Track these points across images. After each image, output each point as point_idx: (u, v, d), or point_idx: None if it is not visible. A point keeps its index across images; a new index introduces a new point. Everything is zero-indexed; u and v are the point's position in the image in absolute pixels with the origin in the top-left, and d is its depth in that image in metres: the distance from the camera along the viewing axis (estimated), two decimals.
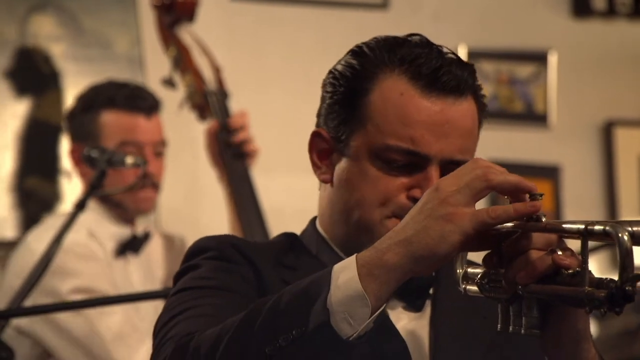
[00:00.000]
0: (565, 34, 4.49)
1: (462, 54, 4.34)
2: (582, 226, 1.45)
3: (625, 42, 4.56)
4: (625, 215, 4.50)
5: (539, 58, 4.44)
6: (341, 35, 4.06)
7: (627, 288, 1.41)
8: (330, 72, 1.79)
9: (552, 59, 4.46)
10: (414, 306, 1.77)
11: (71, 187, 3.55)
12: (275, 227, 3.00)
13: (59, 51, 3.72)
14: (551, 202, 4.45)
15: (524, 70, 4.45)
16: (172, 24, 3.31)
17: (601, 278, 1.46)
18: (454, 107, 1.72)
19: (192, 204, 3.87)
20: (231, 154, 3.20)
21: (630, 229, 1.41)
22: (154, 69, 3.54)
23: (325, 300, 1.49)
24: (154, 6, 3.33)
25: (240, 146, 3.19)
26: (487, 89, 4.40)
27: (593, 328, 4.17)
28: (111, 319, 2.99)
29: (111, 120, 3.12)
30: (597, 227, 1.43)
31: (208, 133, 3.25)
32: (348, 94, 1.75)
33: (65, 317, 2.97)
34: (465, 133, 1.73)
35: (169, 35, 3.31)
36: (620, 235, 1.41)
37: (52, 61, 3.70)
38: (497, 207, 1.52)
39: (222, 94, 3.27)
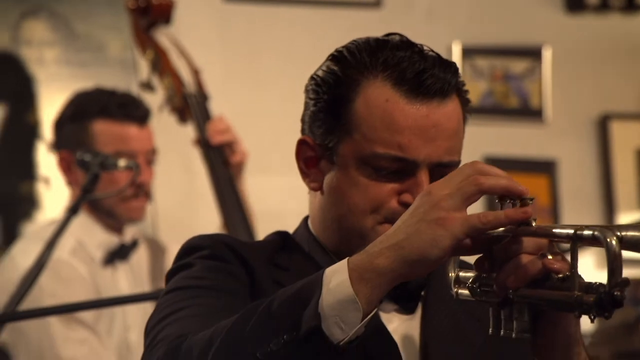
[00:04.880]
0: (558, 29, 4.49)
1: (456, 50, 4.34)
2: (572, 231, 1.45)
3: (619, 36, 4.56)
4: (623, 208, 4.51)
5: (533, 53, 4.44)
6: (335, 34, 4.02)
7: (615, 293, 1.41)
8: (312, 77, 1.77)
9: (547, 54, 4.45)
10: (406, 309, 1.76)
11: (50, 193, 3.53)
12: (272, 228, 3.01)
13: (52, 56, 3.71)
14: (548, 196, 4.45)
15: (519, 66, 4.45)
16: (149, 27, 3.26)
17: (591, 282, 1.46)
18: (439, 109, 1.71)
19: (187, 209, 3.86)
20: (214, 158, 3.16)
21: (618, 233, 1.41)
22: (147, 72, 3.53)
23: (317, 305, 1.48)
24: (129, 9, 3.29)
25: (223, 151, 3.14)
26: (482, 85, 4.44)
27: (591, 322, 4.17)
28: (78, 349, 2.96)
29: (104, 130, 3.09)
30: (586, 232, 1.42)
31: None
32: (332, 102, 1.74)
33: (32, 335, 2.95)
34: (451, 134, 1.72)
35: (145, 39, 3.27)
36: (608, 240, 1.40)
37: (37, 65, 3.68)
38: (488, 212, 1.52)
39: (202, 96, 3.22)
